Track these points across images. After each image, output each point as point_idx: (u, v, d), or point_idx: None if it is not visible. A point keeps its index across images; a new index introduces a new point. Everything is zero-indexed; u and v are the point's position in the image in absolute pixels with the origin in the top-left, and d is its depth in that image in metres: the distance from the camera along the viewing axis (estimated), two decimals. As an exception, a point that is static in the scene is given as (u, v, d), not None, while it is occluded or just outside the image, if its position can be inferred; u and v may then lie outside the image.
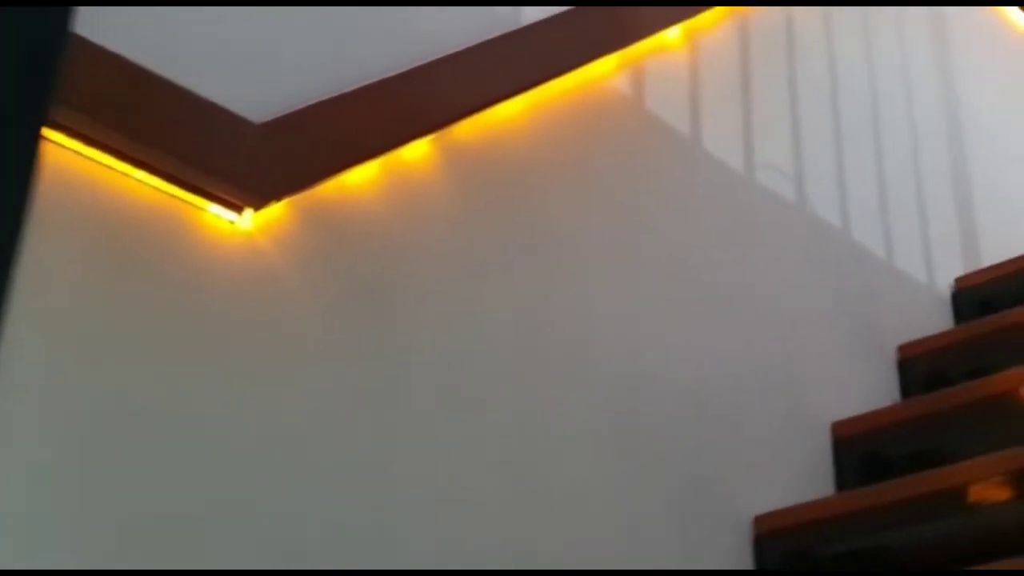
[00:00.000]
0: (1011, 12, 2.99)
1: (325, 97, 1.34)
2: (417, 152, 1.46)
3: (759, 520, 1.66)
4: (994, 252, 2.38)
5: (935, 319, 2.21)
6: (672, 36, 1.92)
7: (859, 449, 1.85)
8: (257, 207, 1.26)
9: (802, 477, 1.79)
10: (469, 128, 1.53)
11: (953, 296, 2.30)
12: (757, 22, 2.12)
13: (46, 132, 1.07)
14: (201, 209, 1.22)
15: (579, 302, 1.58)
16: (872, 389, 1.99)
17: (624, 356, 1.60)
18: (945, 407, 1.84)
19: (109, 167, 1.15)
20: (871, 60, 2.40)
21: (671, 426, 1.62)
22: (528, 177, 1.60)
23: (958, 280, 2.32)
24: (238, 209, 1.24)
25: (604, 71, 1.77)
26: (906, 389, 2.05)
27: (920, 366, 2.06)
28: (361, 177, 1.38)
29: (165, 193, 1.19)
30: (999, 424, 1.76)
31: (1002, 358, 1.89)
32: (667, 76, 1.89)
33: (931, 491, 1.58)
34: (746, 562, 1.63)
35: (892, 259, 2.20)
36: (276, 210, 1.28)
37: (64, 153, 1.12)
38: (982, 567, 1.45)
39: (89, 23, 1.11)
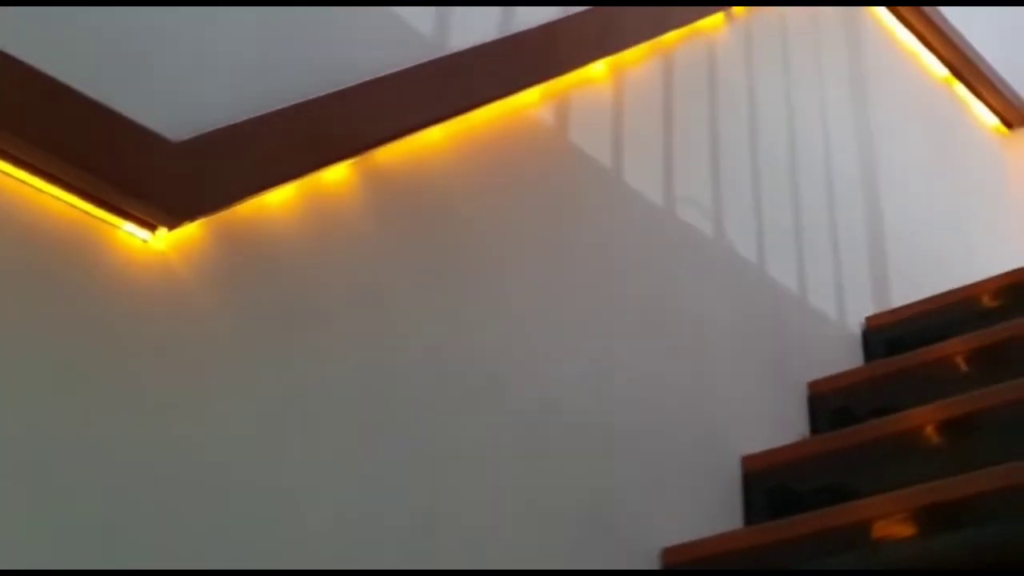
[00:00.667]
0: (928, 58, 3.08)
1: (244, 117, 1.33)
2: (337, 176, 1.45)
3: (668, 552, 1.67)
4: (903, 293, 2.44)
5: (845, 357, 2.26)
6: (597, 70, 1.94)
7: (768, 483, 1.87)
8: (171, 226, 1.24)
9: (712, 510, 1.80)
10: (391, 153, 1.53)
11: (863, 334, 2.35)
12: (681, 59, 2.15)
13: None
14: (114, 227, 1.20)
15: (493, 329, 1.59)
16: (782, 424, 2.02)
17: (536, 385, 1.61)
18: (853, 443, 1.87)
19: (21, 181, 1.13)
20: (790, 102, 2.44)
21: (581, 457, 1.63)
22: (448, 204, 1.60)
23: (868, 319, 2.37)
24: (152, 228, 1.23)
25: (529, 101, 1.78)
26: (815, 425, 2.08)
27: (829, 402, 2.09)
28: (279, 199, 1.37)
29: (78, 209, 1.17)
30: (905, 461, 1.80)
31: (908, 396, 1.93)
32: (591, 109, 1.91)
33: (838, 526, 1.60)
34: (654, 594, 1.64)
35: (805, 296, 2.24)
36: (191, 230, 1.26)
37: (-27, 165, 1.10)
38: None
39: (1, 33, 1.09)
